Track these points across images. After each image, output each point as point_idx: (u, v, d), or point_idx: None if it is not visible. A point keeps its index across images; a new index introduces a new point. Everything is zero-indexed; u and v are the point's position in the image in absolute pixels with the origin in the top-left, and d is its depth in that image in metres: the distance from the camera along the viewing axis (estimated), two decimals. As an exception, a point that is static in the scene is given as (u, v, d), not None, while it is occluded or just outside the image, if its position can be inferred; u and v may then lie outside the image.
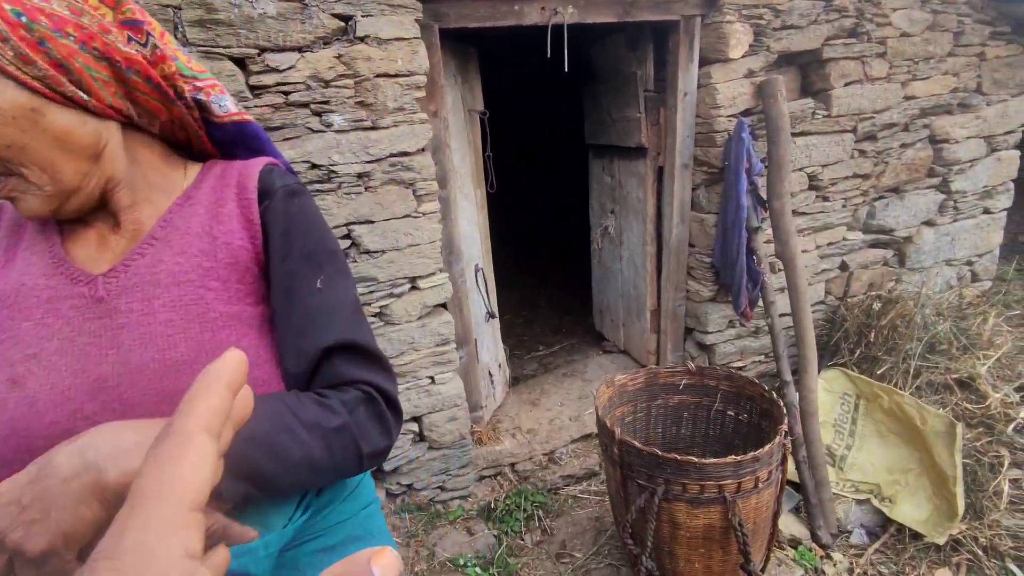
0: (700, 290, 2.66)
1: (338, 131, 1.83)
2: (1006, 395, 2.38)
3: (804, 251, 2.78)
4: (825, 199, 2.72)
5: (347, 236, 1.96)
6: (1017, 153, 3.11)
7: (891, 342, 2.55)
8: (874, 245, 2.99)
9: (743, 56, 2.33)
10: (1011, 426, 2.25)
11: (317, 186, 1.86)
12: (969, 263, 3.26)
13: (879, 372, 2.51)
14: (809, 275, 2.83)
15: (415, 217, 2.02)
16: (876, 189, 2.82)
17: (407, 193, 1.98)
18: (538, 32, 2.11)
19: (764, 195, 2.34)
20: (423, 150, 1.95)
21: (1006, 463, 2.18)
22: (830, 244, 2.83)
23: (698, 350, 2.84)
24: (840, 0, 2.38)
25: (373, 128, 1.87)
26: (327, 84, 1.78)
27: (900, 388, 2.42)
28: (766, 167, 2.35)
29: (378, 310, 2.09)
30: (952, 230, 3.09)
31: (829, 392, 2.51)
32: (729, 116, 2.38)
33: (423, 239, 2.05)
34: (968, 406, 2.35)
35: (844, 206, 2.79)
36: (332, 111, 1.81)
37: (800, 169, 2.59)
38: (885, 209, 2.87)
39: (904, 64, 2.62)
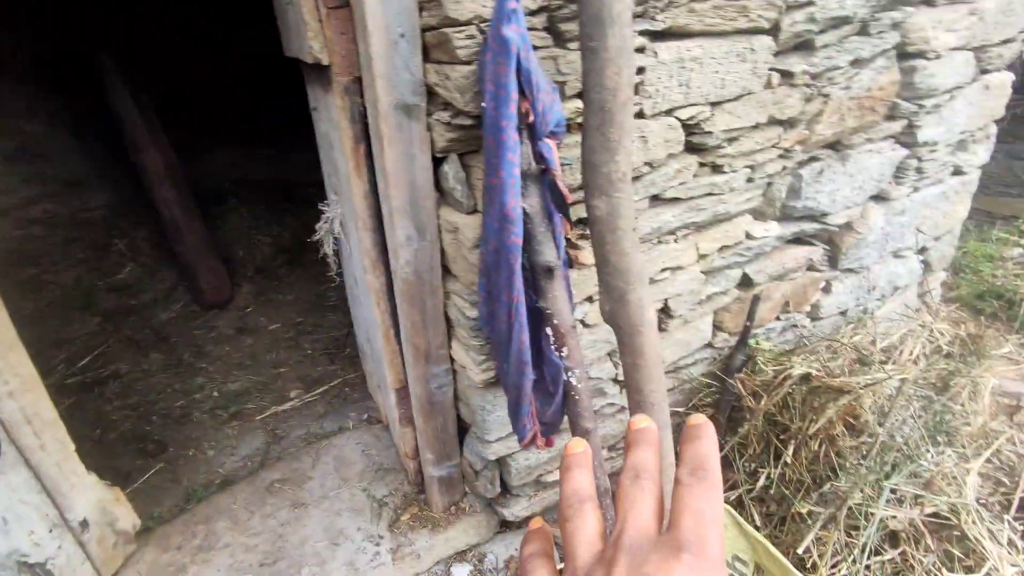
0: (468, 365, 1.33)
1: None
2: (1011, 542, 1.29)
3: (679, 267, 1.49)
4: (717, 169, 1.42)
5: None
6: (1011, 76, 1.94)
7: (825, 460, 1.37)
8: (795, 240, 1.76)
9: None
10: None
11: None
12: (922, 250, 2.14)
13: (805, 512, 1.35)
14: (687, 305, 1.57)
15: None
16: (805, 146, 1.55)
17: None
18: None
19: (562, 186, 0.97)
20: None
21: None
22: (724, 249, 1.57)
23: (481, 462, 1.55)
24: None
25: None
26: None
27: (843, 551, 1.27)
28: (575, 114, 0.97)
29: None
30: (909, 205, 1.92)
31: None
32: (488, -19, 0.95)
33: None
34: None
35: (750, 180, 1.50)
36: None
37: (667, 112, 1.24)
38: (817, 180, 1.62)
39: None
